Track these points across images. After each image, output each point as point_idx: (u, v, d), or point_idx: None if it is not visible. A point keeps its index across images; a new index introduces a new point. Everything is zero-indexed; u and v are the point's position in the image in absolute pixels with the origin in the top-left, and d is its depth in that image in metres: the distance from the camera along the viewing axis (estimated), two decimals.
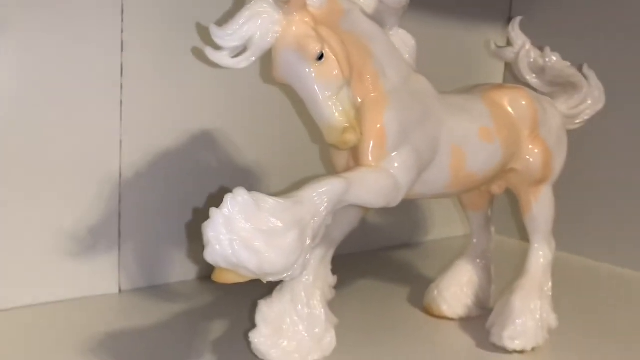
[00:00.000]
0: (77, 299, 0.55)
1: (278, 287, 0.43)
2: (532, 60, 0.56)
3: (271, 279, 0.34)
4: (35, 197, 0.52)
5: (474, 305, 0.56)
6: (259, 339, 0.41)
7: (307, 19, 0.38)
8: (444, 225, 0.83)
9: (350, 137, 0.38)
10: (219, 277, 0.34)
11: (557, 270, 0.54)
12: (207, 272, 0.62)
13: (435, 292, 0.56)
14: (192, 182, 0.60)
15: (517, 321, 0.48)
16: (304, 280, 0.43)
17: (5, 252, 0.51)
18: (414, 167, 0.42)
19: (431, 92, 0.46)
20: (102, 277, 0.56)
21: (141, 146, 0.56)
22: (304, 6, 0.37)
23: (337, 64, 0.38)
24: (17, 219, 0.51)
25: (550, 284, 0.52)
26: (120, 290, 0.57)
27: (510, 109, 0.50)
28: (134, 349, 0.46)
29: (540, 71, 0.56)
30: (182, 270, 0.61)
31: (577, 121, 0.58)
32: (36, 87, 0.50)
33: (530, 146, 0.50)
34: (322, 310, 0.43)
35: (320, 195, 0.37)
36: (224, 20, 0.37)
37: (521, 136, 0.50)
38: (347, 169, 0.43)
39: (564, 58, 0.55)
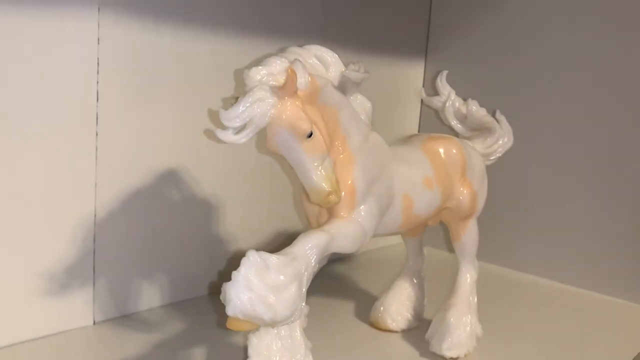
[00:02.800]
0: (54, 335, 0.58)
1: None
2: (456, 108, 0.66)
3: (279, 325, 0.42)
4: (13, 238, 0.54)
5: (412, 318, 0.66)
6: None
7: (297, 102, 0.45)
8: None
9: (333, 199, 0.46)
10: (235, 326, 0.41)
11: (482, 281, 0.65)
12: (169, 299, 0.67)
13: (382, 308, 0.65)
14: (159, 217, 0.64)
15: (453, 334, 0.59)
16: None
17: None
18: (377, 214, 0.51)
19: (385, 147, 0.54)
20: (77, 311, 0.60)
21: (114, 188, 0.60)
22: (295, 92, 0.44)
23: (322, 139, 0.45)
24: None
25: (476, 298, 0.62)
26: (94, 322, 0.61)
27: (444, 157, 0.59)
28: None
29: (462, 118, 0.66)
30: (149, 299, 0.65)
31: (492, 158, 0.69)
32: (12, 131, 0.53)
33: (460, 188, 0.60)
34: (301, 338, 0.51)
35: (311, 249, 0.44)
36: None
37: (453, 180, 0.60)
38: (318, 215, 0.50)
39: (475, 90, 0.65)
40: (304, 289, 0.43)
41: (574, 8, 0.83)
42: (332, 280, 0.81)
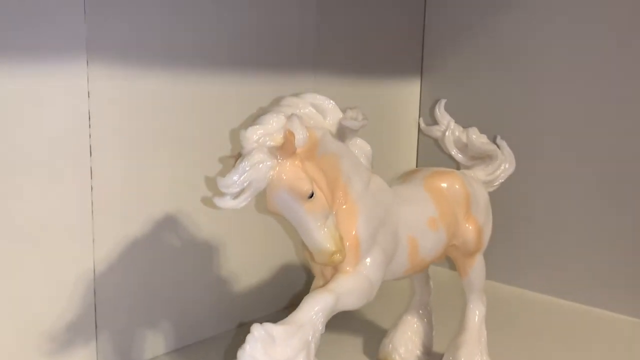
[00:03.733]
0: None
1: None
2: (456, 137, 0.65)
3: None
4: (13, 300, 0.53)
5: (422, 353, 0.65)
6: None
7: (296, 162, 0.43)
8: None
9: (338, 258, 0.45)
10: None
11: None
12: (174, 345, 0.66)
13: (390, 346, 0.64)
14: (158, 264, 0.63)
15: None
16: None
17: None
18: (383, 263, 0.49)
19: (387, 190, 0.53)
20: (80, 355, 0.59)
21: (112, 240, 0.59)
22: (294, 152, 0.43)
23: (323, 198, 0.44)
24: None
25: (485, 333, 0.61)
26: None
27: (447, 194, 0.58)
28: None
29: (463, 147, 0.65)
30: (153, 347, 0.64)
31: (495, 184, 0.68)
32: (8, 190, 0.52)
33: (465, 224, 0.59)
34: None
35: (317, 313, 0.43)
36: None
37: (458, 217, 0.58)
38: (323, 268, 0.49)
39: (472, 108, 0.64)
40: (312, 357, 0.42)
41: (566, 22, 0.82)
42: (339, 312, 0.79)
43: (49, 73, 0.52)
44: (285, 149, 0.42)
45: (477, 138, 0.65)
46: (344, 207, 0.48)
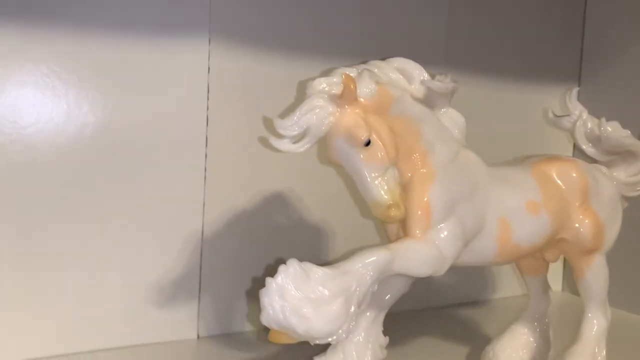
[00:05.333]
0: (159, 343, 0.62)
1: (332, 346, 0.47)
2: (588, 130, 0.58)
3: (318, 342, 0.39)
4: (129, 252, 0.60)
5: None
6: None
7: (357, 110, 0.43)
8: (512, 282, 0.84)
9: (394, 213, 0.42)
10: (273, 338, 0.39)
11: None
12: None
13: (491, 353, 0.58)
14: (265, 239, 0.66)
15: None
16: (355, 340, 0.47)
17: (101, 298, 0.59)
18: (459, 238, 0.45)
19: (480, 166, 0.49)
20: (182, 324, 0.63)
21: (222, 208, 0.63)
22: (354, 100, 0.43)
23: (382, 149, 0.43)
24: (112, 271, 0.59)
25: (604, 352, 0.52)
26: (198, 337, 0.64)
27: (559, 181, 0.52)
28: None
29: (596, 141, 0.57)
30: (252, 320, 0.66)
31: (638, 188, 0.59)
32: (129, 154, 0.59)
33: (580, 216, 0.52)
34: None
35: (366, 266, 0.41)
36: (286, 112, 0.43)
37: (570, 207, 0.51)
38: (398, 236, 0.47)
39: (635, 118, 0.56)
40: (353, 307, 0.40)
41: None
42: (456, 323, 0.74)
43: (174, 49, 0.59)
44: (344, 95, 0.42)
45: (614, 131, 0.57)
46: (422, 171, 0.46)
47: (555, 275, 0.89)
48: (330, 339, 0.39)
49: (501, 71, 0.81)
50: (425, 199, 0.45)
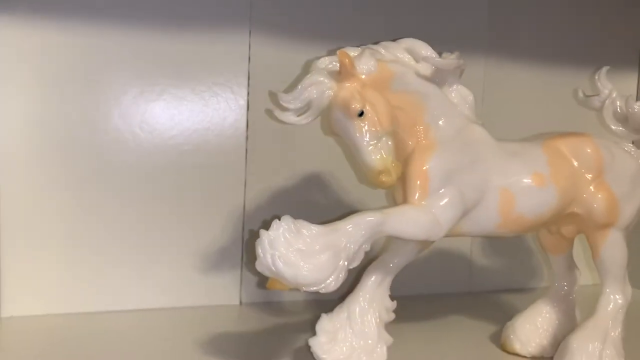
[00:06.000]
0: (205, 307, 0.68)
1: (339, 305, 0.51)
2: (617, 109, 0.57)
3: (307, 289, 0.43)
4: (180, 223, 0.67)
5: (550, 345, 0.57)
6: (316, 344, 0.49)
7: (355, 84, 0.47)
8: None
9: (385, 179, 0.46)
10: (270, 285, 0.44)
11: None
12: (311, 295, 0.71)
13: (510, 329, 0.59)
14: (302, 216, 0.70)
15: None
16: (359, 300, 0.51)
17: (151, 263, 0.66)
18: (456, 206, 0.48)
19: (486, 141, 0.51)
20: (226, 290, 0.69)
21: (261, 186, 0.69)
22: (351, 75, 0.47)
23: (375, 119, 0.46)
24: (164, 239, 0.66)
25: (618, 330, 0.52)
26: (240, 303, 0.70)
27: (571, 156, 0.52)
28: (248, 351, 0.56)
29: (624, 120, 0.57)
30: (292, 292, 0.71)
31: None
32: (176, 135, 0.66)
33: (593, 191, 0.52)
34: (374, 328, 0.50)
35: (356, 226, 0.45)
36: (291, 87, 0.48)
37: (582, 181, 0.52)
38: (403, 203, 0.50)
39: None
40: (342, 261, 0.44)
41: None
42: (496, 308, 0.74)
43: (217, 40, 0.66)
44: (341, 71, 0.46)
45: None
46: (423, 142, 0.49)
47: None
48: (317, 288, 0.43)
49: (554, 56, 0.80)
50: (424, 168, 0.48)
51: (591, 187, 0.52)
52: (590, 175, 0.52)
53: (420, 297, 0.75)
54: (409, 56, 0.51)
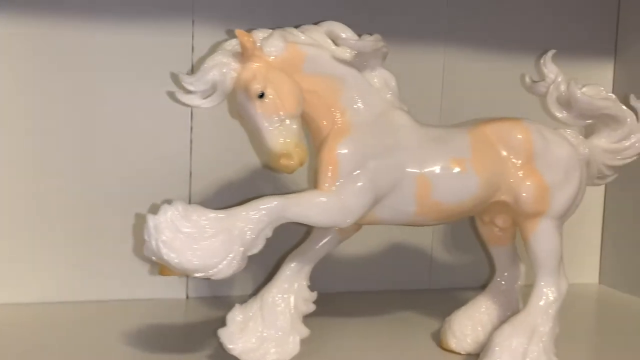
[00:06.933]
0: (151, 300, 0.67)
1: (254, 296, 0.50)
2: (560, 92, 0.54)
3: (196, 275, 0.42)
4: (126, 216, 0.66)
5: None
6: (225, 334, 0.47)
7: (258, 65, 0.45)
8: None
9: (284, 162, 0.44)
10: (161, 272, 0.43)
11: None
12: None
13: (447, 325, 0.56)
14: None
15: (491, 357, 0.47)
16: (273, 290, 0.49)
17: (99, 256, 0.66)
18: (366, 192, 0.46)
19: (407, 126, 0.49)
20: (173, 284, 0.68)
21: (207, 178, 0.68)
22: (253, 55, 0.45)
23: (278, 101, 0.45)
24: (114, 231, 0.66)
25: (548, 326, 0.48)
26: (187, 297, 0.69)
27: (498, 141, 0.50)
28: (193, 345, 0.55)
29: (567, 105, 0.54)
30: (240, 286, 0.70)
31: (619, 157, 0.54)
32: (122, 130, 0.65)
33: (521, 177, 0.49)
34: (288, 319, 0.48)
35: (255, 211, 0.43)
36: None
37: (510, 168, 0.49)
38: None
39: None
40: (236, 247, 0.42)
41: None
42: (454, 305, 0.71)
43: (158, 31, 0.65)
44: (243, 52, 0.45)
45: (587, 92, 0.53)
46: (337, 126, 0.48)
47: (591, 267, 0.83)
48: (206, 274, 0.42)
49: (526, 46, 0.77)
50: (334, 153, 0.46)
51: (520, 173, 0.49)
52: (519, 161, 0.49)
53: (377, 292, 0.73)
54: (329, 40, 0.49)
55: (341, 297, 0.70)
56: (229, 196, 0.68)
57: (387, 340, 0.58)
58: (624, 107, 0.54)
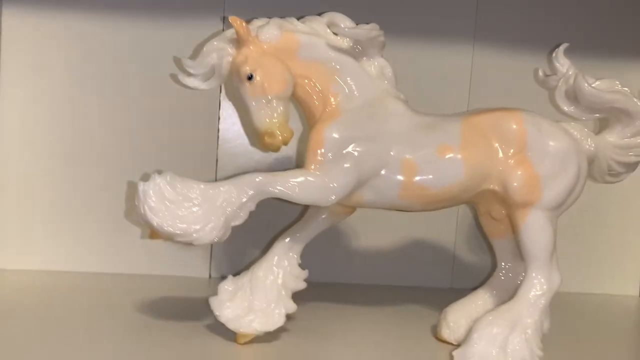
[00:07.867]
0: (174, 277, 0.72)
1: (246, 269, 0.53)
2: (569, 86, 0.53)
3: (179, 240, 0.45)
4: None
5: None
6: (214, 302, 0.50)
7: (252, 48, 0.49)
8: None
9: (268, 140, 0.47)
10: (150, 236, 0.47)
11: None
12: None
13: (442, 315, 0.56)
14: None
15: (471, 347, 0.47)
16: (264, 264, 0.52)
17: (124, 233, 0.71)
18: (350, 173, 0.48)
19: (400, 113, 0.50)
20: (196, 263, 0.72)
21: (233, 165, 0.71)
22: (248, 41, 0.48)
23: (265, 84, 0.48)
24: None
25: (534, 319, 0.47)
26: (210, 276, 0.73)
27: (490, 130, 0.50)
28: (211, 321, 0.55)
29: (574, 98, 0.53)
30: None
31: (632, 153, 0.53)
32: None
33: (512, 167, 0.49)
34: (275, 292, 0.51)
35: (240, 185, 0.46)
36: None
37: (500, 157, 0.49)
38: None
39: None
40: (219, 217, 0.45)
41: None
42: None
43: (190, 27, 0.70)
44: (238, 38, 0.48)
45: (598, 86, 0.52)
46: (328, 109, 0.50)
47: (633, 278, 0.79)
48: (188, 239, 0.45)
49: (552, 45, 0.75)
50: (322, 134, 0.49)
51: (510, 162, 0.49)
52: (511, 151, 0.49)
53: (399, 288, 0.74)
54: (329, 30, 0.52)
55: (360, 289, 0.71)
56: None
57: (384, 333, 0.58)
58: (638, 102, 0.52)
